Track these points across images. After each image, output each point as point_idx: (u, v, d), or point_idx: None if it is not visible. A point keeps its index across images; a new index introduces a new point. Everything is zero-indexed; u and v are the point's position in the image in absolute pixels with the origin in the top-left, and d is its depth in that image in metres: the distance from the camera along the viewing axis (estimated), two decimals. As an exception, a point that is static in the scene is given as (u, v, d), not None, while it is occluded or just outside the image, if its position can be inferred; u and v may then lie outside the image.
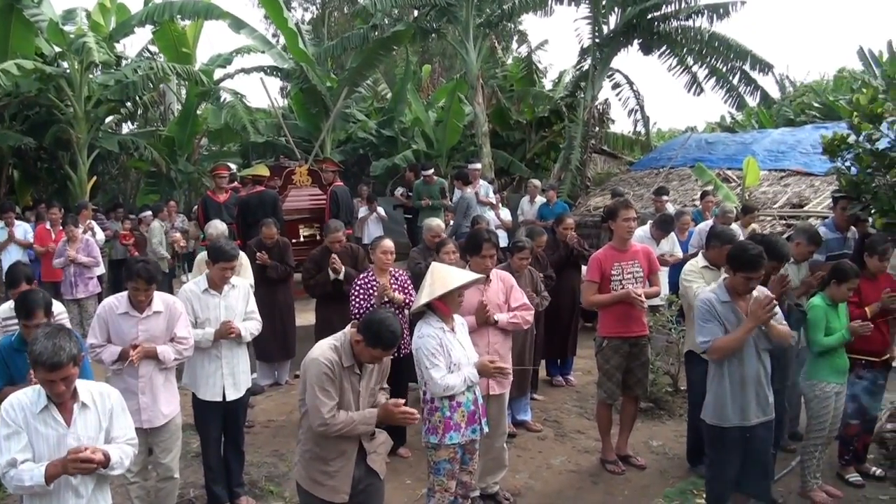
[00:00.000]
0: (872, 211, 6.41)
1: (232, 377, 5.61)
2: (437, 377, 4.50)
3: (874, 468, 6.11)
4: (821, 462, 5.76)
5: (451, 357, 4.58)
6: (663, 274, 8.34)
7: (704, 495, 5.21)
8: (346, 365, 3.97)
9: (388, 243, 6.50)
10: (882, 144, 6.47)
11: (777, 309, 4.77)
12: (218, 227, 8.02)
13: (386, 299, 6.17)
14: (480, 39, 17.08)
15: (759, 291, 4.78)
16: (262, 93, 25.69)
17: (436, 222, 7.76)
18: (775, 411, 4.90)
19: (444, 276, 4.66)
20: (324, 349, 4.00)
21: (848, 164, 6.67)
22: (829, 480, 5.92)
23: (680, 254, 8.81)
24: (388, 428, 4.33)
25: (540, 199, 13.24)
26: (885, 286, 5.85)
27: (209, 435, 5.64)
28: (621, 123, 49.94)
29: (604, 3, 16.82)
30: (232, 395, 5.60)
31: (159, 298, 5.07)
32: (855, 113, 6.50)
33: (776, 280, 5.35)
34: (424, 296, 4.62)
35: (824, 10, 68.18)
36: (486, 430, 4.81)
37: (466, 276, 4.83)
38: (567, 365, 8.73)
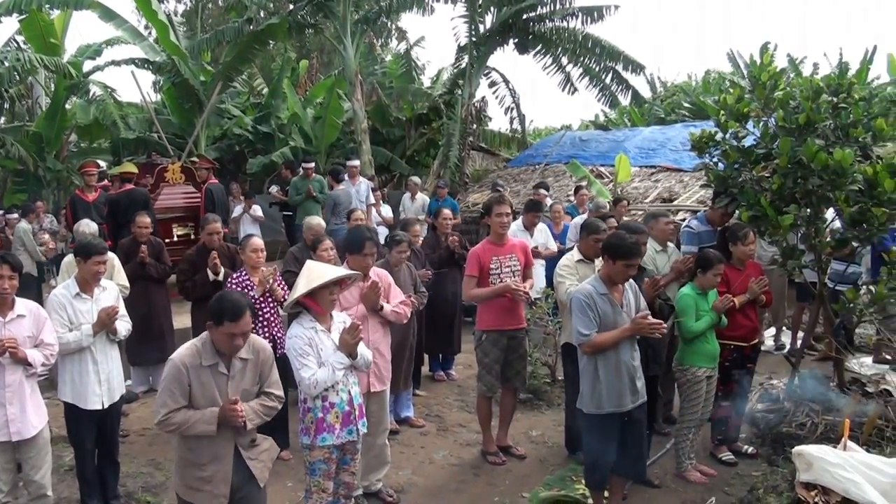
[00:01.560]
0: (740, 204, 6.70)
1: (107, 383, 5.39)
2: (306, 376, 4.42)
3: (746, 446, 6.41)
4: (694, 443, 6.03)
5: (322, 357, 4.49)
6: (540, 267, 8.53)
7: (583, 480, 5.35)
8: (208, 363, 3.89)
9: (258, 241, 6.40)
10: (748, 141, 6.77)
11: (643, 302, 5.00)
12: (89, 226, 7.70)
13: (268, 291, 6.08)
14: (358, 35, 16.96)
15: (633, 291, 4.96)
16: (133, 87, 24.70)
17: (316, 221, 7.65)
18: (650, 396, 5.10)
19: (315, 272, 4.59)
20: (182, 350, 3.92)
21: (715, 160, 6.95)
22: (703, 460, 6.21)
23: (554, 247, 9.01)
24: (269, 431, 4.25)
25: (421, 197, 13.28)
26: (752, 275, 6.17)
27: (84, 446, 5.39)
28: (499, 121, 50.67)
29: (480, 2, 16.99)
30: (106, 402, 5.37)
31: (22, 304, 4.84)
32: (722, 111, 6.76)
33: (649, 283, 5.56)
34: (295, 293, 4.55)
35: (695, 15, 71.23)
36: (363, 430, 4.75)
37: (338, 271, 4.77)
38: (449, 360, 8.80)
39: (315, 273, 4.58)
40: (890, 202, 6.06)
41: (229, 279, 6.27)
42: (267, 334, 6.17)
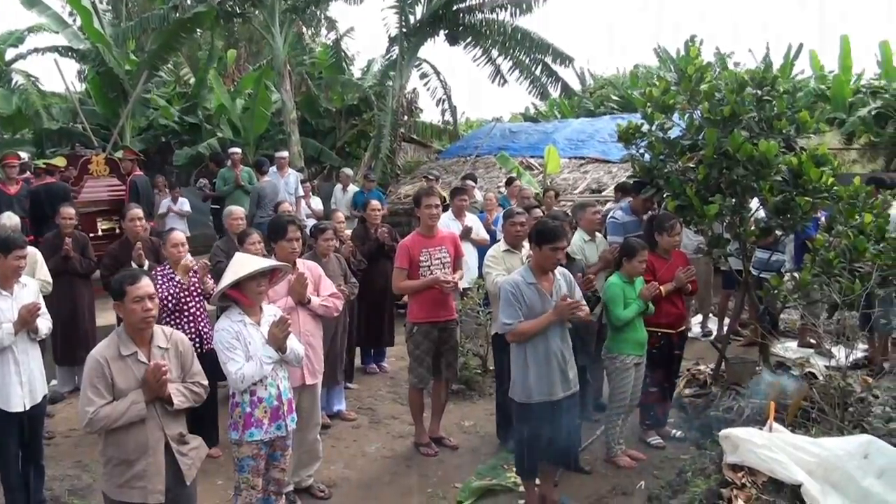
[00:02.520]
0: (665, 195, 6.80)
1: (29, 384, 5.14)
2: (232, 370, 4.33)
3: (674, 430, 6.52)
4: (624, 429, 6.11)
5: (250, 350, 4.39)
6: (473, 257, 8.53)
7: (515, 469, 5.37)
8: (127, 353, 3.80)
9: (179, 235, 6.20)
10: (673, 133, 6.89)
11: (578, 292, 5.04)
12: (10, 219, 7.41)
13: (196, 282, 5.96)
14: (287, 25, 16.73)
15: (565, 279, 4.99)
16: (57, 76, 23.91)
17: (235, 208, 7.53)
18: (580, 384, 5.14)
19: (241, 264, 4.49)
20: (100, 345, 3.83)
21: (642, 151, 7.04)
22: (633, 445, 6.29)
23: (486, 235, 9.02)
24: (200, 429, 4.14)
25: (352, 188, 13.18)
26: (678, 264, 6.26)
27: (8, 451, 5.14)
28: (430, 113, 50.68)
29: (410, -7, 16.97)
30: (28, 404, 5.14)
31: None
32: (648, 104, 6.86)
33: (583, 283, 5.59)
34: (221, 285, 4.45)
35: (626, 11, 72.41)
36: (292, 426, 4.67)
37: (265, 262, 4.69)
38: (381, 352, 8.74)
39: (242, 265, 4.48)
40: (814, 191, 6.23)
41: (154, 272, 6.09)
42: (193, 329, 6.01)
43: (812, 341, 8.60)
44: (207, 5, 15.83)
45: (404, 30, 17.18)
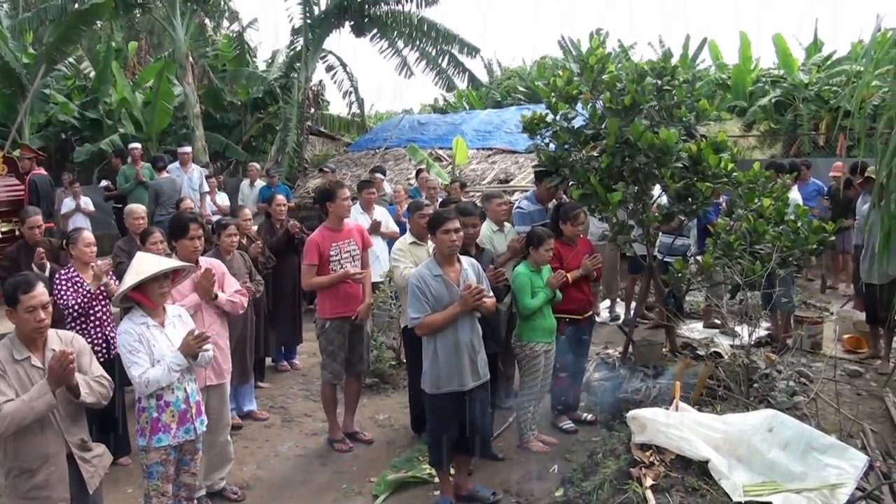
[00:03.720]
0: (570, 184, 6.89)
1: None
2: (136, 374, 4.18)
3: (585, 414, 6.65)
4: (536, 415, 6.18)
5: (154, 353, 4.25)
6: (384, 250, 8.50)
7: (429, 460, 5.37)
8: (20, 357, 3.68)
9: (89, 235, 5.94)
10: (577, 123, 6.99)
11: (486, 282, 5.06)
12: None
13: (103, 286, 5.72)
14: (189, 15, 16.33)
15: (472, 268, 5.01)
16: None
17: (136, 207, 7.29)
18: (491, 373, 5.18)
19: (142, 265, 4.35)
20: None
21: (546, 141, 7.11)
22: (545, 430, 6.36)
23: (395, 228, 9.00)
24: (107, 438, 4.00)
25: (260, 183, 12.97)
26: (584, 251, 6.36)
27: None
28: (338, 105, 50.28)
29: (315, -17, 16.79)
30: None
31: None
32: (552, 94, 6.93)
33: (493, 274, 5.62)
34: (122, 287, 4.29)
35: (534, 2, 73.33)
36: (201, 429, 4.55)
37: (167, 262, 4.54)
38: (292, 349, 8.62)
39: (143, 266, 4.33)
40: (714, 177, 6.42)
41: (58, 275, 5.82)
42: (100, 334, 5.76)
43: (717, 322, 8.88)
44: (106, -5, 15.30)
45: (309, 21, 17.00)
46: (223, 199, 12.64)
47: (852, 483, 4.46)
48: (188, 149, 12.54)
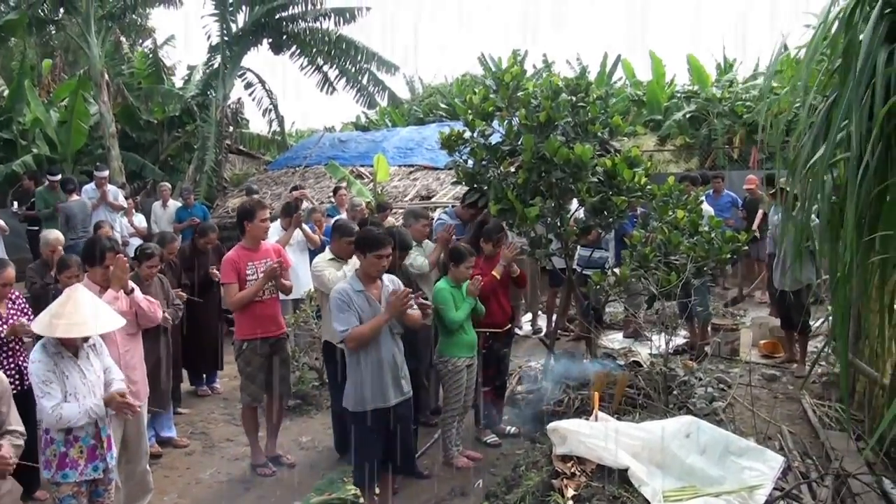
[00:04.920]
0: (489, 199, 6.95)
1: None
2: (48, 406, 4.04)
3: (509, 427, 6.70)
4: (460, 430, 6.20)
5: (67, 385, 4.12)
6: (305, 268, 8.42)
7: (353, 480, 5.31)
8: None
9: (10, 273, 5.47)
10: (494, 139, 7.06)
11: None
12: None
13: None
14: (104, 33, 15.94)
15: (393, 283, 5.00)
16: None
17: (53, 235, 7.07)
18: (414, 389, 5.16)
19: (73, 316, 4.11)
20: None
21: (465, 157, 7.17)
22: (470, 445, 6.40)
23: (317, 239, 8.93)
24: (19, 473, 3.85)
25: (174, 203, 12.71)
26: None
27: None
28: (258, 123, 49.79)
29: (231, 0, 16.59)
30: None
31: None
32: (469, 111, 7.00)
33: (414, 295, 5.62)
34: (46, 325, 4.10)
35: (453, 20, 74.01)
36: (112, 463, 4.41)
37: (99, 323, 4.27)
38: (212, 373, 8.44)
39: (73, 318, 4.10)
40: (628, 191, 6.56)
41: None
42: (12, 365, 5.45)
43: (638, 331, 9.05)
44: (19, 12, 14.82)
45: (226, 38, 16.80)
46: (140, 220, 12.33)
47: (770, 484, 4.59)
48: (105, 173, 12.07)
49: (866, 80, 3.39)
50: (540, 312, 10.44)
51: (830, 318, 4.28)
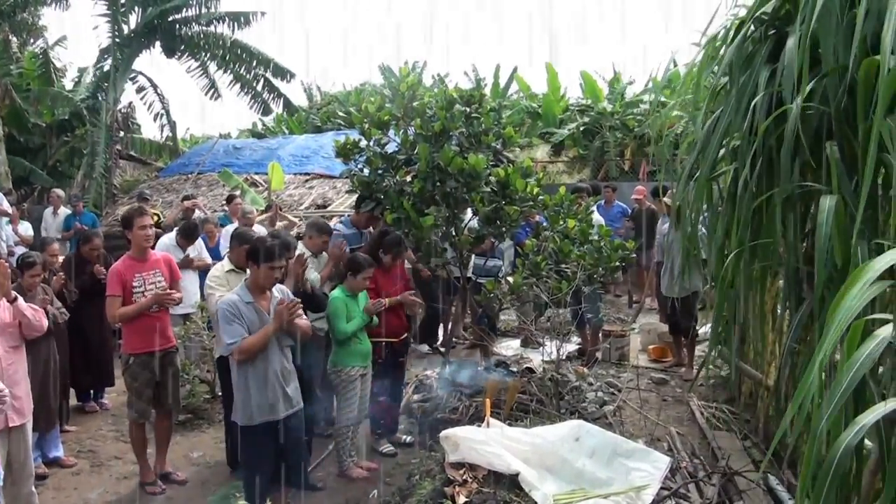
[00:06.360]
0: (384, 208, 6.97)
1: None
2: None
3: (404, 436, 6.72)
4: (355, 441, 6.17)
5: None
6: (194, 281, 8.23)
7: (244, 496, 5.23)
8: None
9: None
10: (390, 148, 7.09)
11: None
12: None
13: None
14: (-7, 30, 15.29)
15: (281, 293, 4.96)
16: None
17: None
18: (306, 400, 5.13)
19: None
20: None
21: (360, 166, 7.17)
22: (365, 455, 6.37)
23: (209, 259, 8.73)
24: None
25: (64, 211, 12.27)
26: (400, 277, 6.47)
27: None
28: (151, 129, 48.49)
29: (123, 0, 16.17)
30: None
31: None
32: (364, 120, 7.02)
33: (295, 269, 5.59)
34: None
35: (361, 28, 73.93)
36: None
37: None
38: (100, 389, 8.14)
39: None
40: (521, 200, 6.68)
41: None
42: None
43: (528, 339, 9.21)
44: None
45: (118, 39, 16.35)
46: (26, 228, 11.85)
47: (657, 484, 4.74)
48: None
49: (748, 97, 3.55)
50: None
51: (713, 323, 4.45)
